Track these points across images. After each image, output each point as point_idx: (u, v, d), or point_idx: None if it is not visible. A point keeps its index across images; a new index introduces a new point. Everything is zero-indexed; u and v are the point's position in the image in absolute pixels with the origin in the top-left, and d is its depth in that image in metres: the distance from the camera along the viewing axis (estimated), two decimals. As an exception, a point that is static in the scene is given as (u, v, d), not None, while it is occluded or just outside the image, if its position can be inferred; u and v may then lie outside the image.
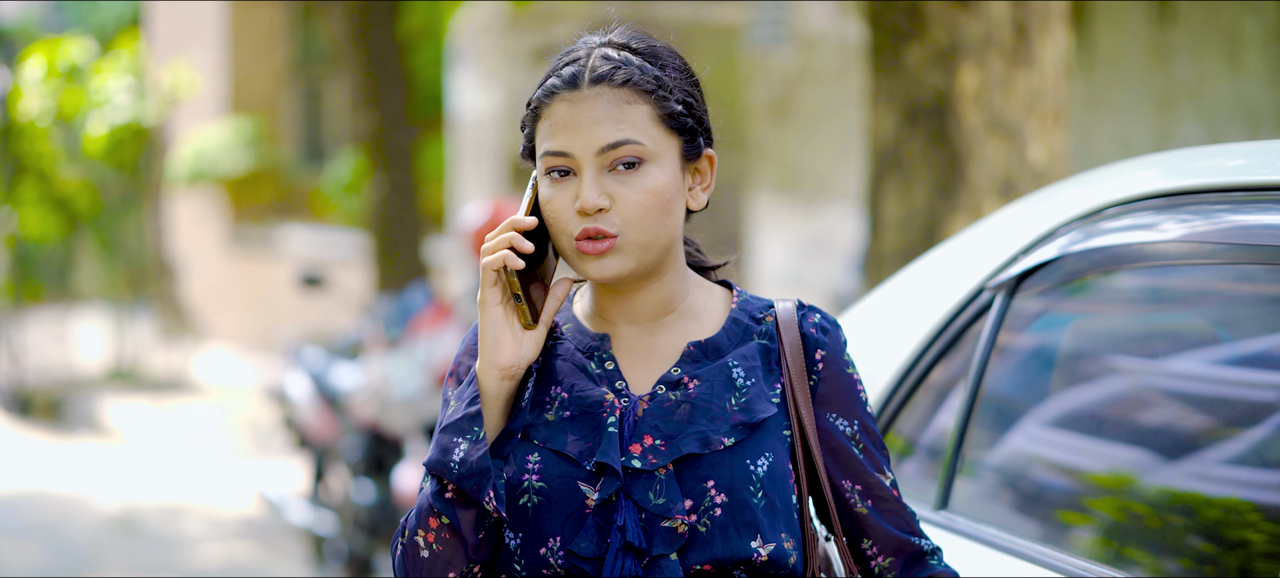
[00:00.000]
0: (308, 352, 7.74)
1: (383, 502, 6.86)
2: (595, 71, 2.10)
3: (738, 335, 2.17)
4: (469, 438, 2.09)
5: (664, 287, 2.16)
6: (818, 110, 9.16)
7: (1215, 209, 2.48)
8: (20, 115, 12.93)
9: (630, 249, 2.09)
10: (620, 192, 2.08)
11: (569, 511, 2.08)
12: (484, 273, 2.10)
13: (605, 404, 2.11)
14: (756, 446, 2.10)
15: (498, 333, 2.10)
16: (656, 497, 2.06)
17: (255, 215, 15.06)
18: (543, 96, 2.12)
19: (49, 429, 11.90)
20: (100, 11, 17.62)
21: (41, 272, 14.94)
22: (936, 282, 2.96)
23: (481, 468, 2.07)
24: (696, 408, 2.10)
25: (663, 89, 2.11)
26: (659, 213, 2.09)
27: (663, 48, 2.16)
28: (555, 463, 2.10)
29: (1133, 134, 6.27)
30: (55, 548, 8.11)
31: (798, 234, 9.15)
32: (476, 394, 2.11)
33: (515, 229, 2.09)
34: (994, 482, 2.77)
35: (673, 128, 2.12)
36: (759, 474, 2.09)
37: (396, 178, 10.15)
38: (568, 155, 2.09)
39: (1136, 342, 2.68)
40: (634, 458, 2.08)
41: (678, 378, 2.13)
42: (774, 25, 9.21)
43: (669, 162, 2.11)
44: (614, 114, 2.08)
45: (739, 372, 2.13)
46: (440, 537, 2.09)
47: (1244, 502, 2.38)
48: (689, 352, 2.15)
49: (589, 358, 2.16)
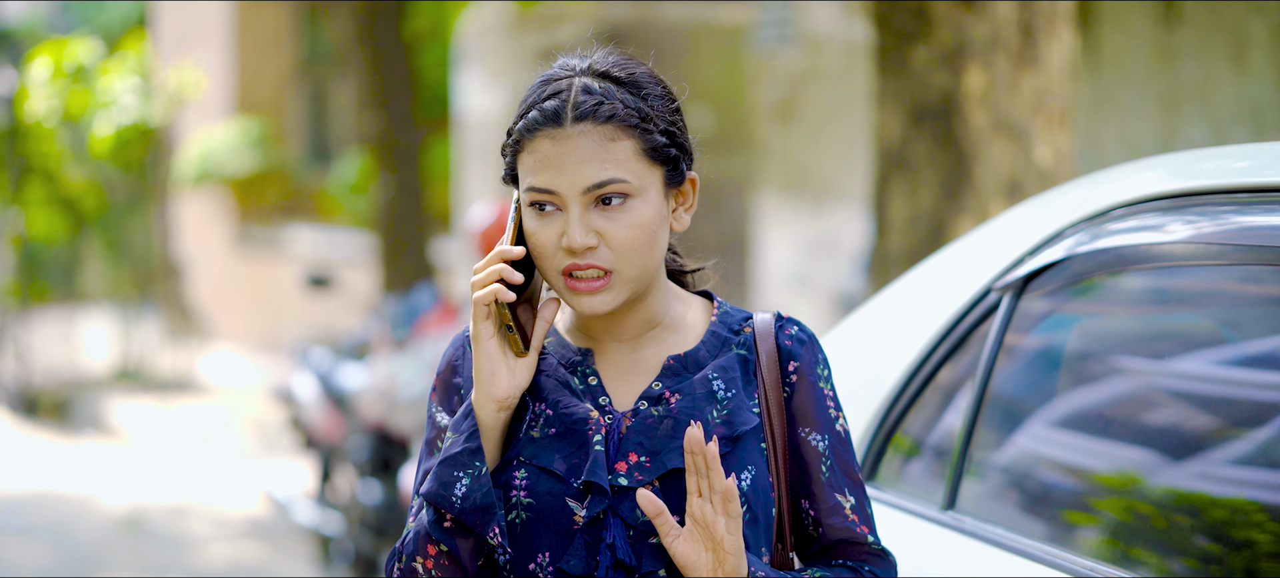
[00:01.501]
0: (314, 352, 7.75)
1: (389, 502, 6.86)
2: (579, 107, 2.07)
3: (717, 348, 2.17)
4: (470, 473, 2.07)
5: (648, 306, 2.16)
6: (824, 111, 9.16)
7: (1221, 210, 2.48)
8: (27, 116, 12.95)
9: (622, 284, 2.09)
10: (607, 227, 2.07)
11: (557, 527, 2.08)
12: (475, 307, 2.08)
13: (590, 421, 2.10)
14: (739, 459, 2.10)
15: (493, 366, 2.09)
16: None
17: (261, 216, 15.06)
18: (524, 130, 2.10)
19: (55, 430, 11.91)
20: (106, 12, 17.61)
21: (48, 272, 14.96)
22: (944, 282, 2.97)
23: (485, 504, 2.06)
24: (679, 422, 2.10)
25: (646, 122, 2.09)
26: (646, 246, 2.09)
27: (644, 74, 2.13)
28: (542, 480, 2.09)
29: (1138, 135, 6.27)
30: (62, 548, 8.12)
31: (804, 235, 9.15)
32: (475, 427, 2.09)
33: (503, 260, 2.08)
34: (1001, 482, 2.78)
35: (656, 160, 2.10)
36: (743, 488, 2.09)
37: (403, 178, 10.15)
38: (553, 193, 2.07)
39: (1143, 342, 2.68)
40: (620, 476, 2.08)
41: (659, 393, 2.13)
42: (780, 26, 9.21)
43: (653, 193, 2.10)
44: (598, 153, 2.06)
45: (719, 384, 2.13)
46: (439, 563, 2.09)
47: (1250, 502, 2.38)
48: (669, 366, 2.14)
49: (572, 373, 2.15)
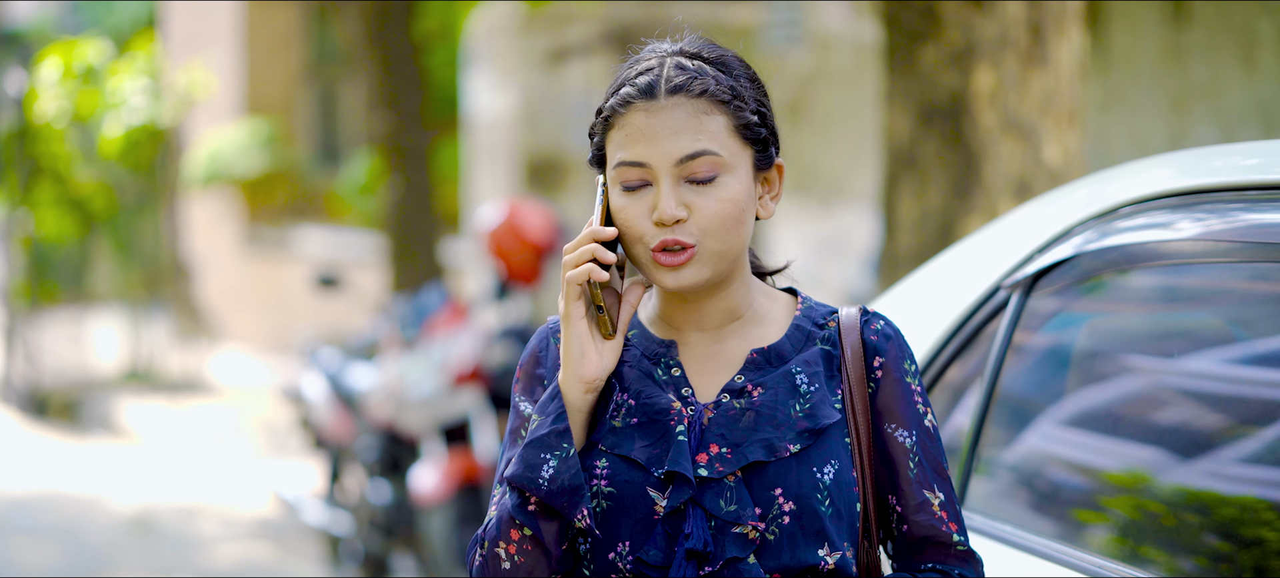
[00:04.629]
0: (323, 352, 7.75)
1: (399, 502, 6.86)
2: (671, 81, 2.08)
3: (800, 342, 2.16)
4: (558, 455, 2.07)
5: (732, 294, 2.16)
6: (833, 111, 9.16)
7: (1230, 208, 2.48)
8: (36, 117, 12.95)
9: (707, 259, 2.08)
10: (697, 201, 2.07)
11: (637, 516, 2.08)
12: (568, 287, 2.08)
13: (673, 412, 2.10)
14: (822, 453, 2.09)
15: (582, 346, 2.09)
16: (728, 504, 2.06)
17: (271, 216, 15.08)
18: (618, 105, 2.10)
19: (65, 430, 11.92)
20: (116, 13, 17.65)
21: (57, 273, 14.95)
22: (953, 280, 2.97)
23: (574, 485, 2.06)
24: (761, 415, 2.09)
25: (738, 99, 2.10)
26: (735, 222, 2.09)
27: (732, 57, 2.15)
28: (623, 469, 2.09)
29: (1147, 135, 6.27)
30: (72, 549, 8.13)
31: (813, 235, 9.15)
32: (562, 409, 2.09)
33: (596, 240, 2.08)
34: (1010, 480, 2.78)
35: (747, 138, 2.11)
36: (826, 482, 2.08)
37: (412, 179, 10.15)
38: (645, 166, 2.07)
39: (1152, 340, 2.68)
40: (701, 467, 2.07)
41: (742, 386, 2.12)
42: (789, 26, 9.21)
43: (743, 172, 2.10)
44: (692, 125, 2.07)
45: (802, 378, 2.12)
46: (522, 548, 2.09)
47: (1259, 500, 2.38)
48: (752, 359, 2.14)
49: (655, 364, 2.15)
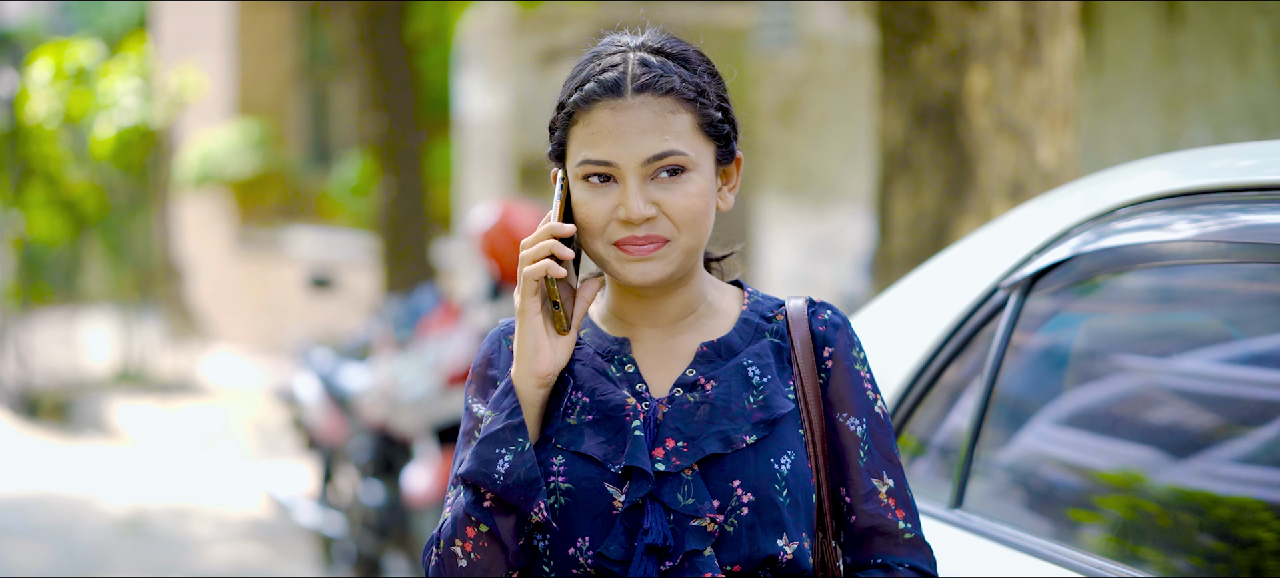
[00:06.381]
0: (316, 353, 7.74)
1: (392, 503, 6.86)
2: (638, 79, 2.09)
3: (749, 335, 2.17)
4: (513, 449, 2.08)
5: (688, 290, 2.17)
6: (826, 112, 9.16)
7: (1227, 209, 2.48)
8: (28, 118, 12.94)
9: (676, 253, 2.10)
10: (665, 198, 2.08)
11: (596, 512, 2.08)
12: (525, 283, 2.09)
13: (628, 407, 2.11)
14: (778, 443, 2.10)
15: (536, 341, 2.10)
16: (686, 498, 2.06)
17: (263, 217, 15.06)
18: (581, 101, 2.10)
19: (57, 431, 11.91)
20: (107, 14, 17.62)
21: (49, 274, 14.95)
22: (950, 282, 2.97)
23: (530, 479, 2.06)
24: (716, 408, 2.10)
25: (702, 96, 2.12)
26: (704, 217, 2.10)
27: (694, 53, 2.16)
28: (580, 465, 2.10)
29: (1141, 136, 6.28)
30: (64, 550, 8.12)
31: (806, 236, 9.15)
32: (516, 404, 2.10)
33: (554, 237, 2.08)
34: (1008, 481, 2.78)
35: (710, 135, 2.12)
36: (783, 472, 2.08)
37: (404, 180, 10.15)
38: (611, 164, 2.08)
39: (1148, 341, 2.68)
40: (658, 461, 2.08)
41: (694, 379, 2.13)
42: (782, 27, 9.21)
43: (707, 167, 2.11)
44: (659, 124, 2.08)
45: (754, 370, 2.13)
46: (479, 545, 2.09)
47: (1255, 500, 2.38)
48: (702, 352, 2.15)
49: (609, 361, 2.15)
